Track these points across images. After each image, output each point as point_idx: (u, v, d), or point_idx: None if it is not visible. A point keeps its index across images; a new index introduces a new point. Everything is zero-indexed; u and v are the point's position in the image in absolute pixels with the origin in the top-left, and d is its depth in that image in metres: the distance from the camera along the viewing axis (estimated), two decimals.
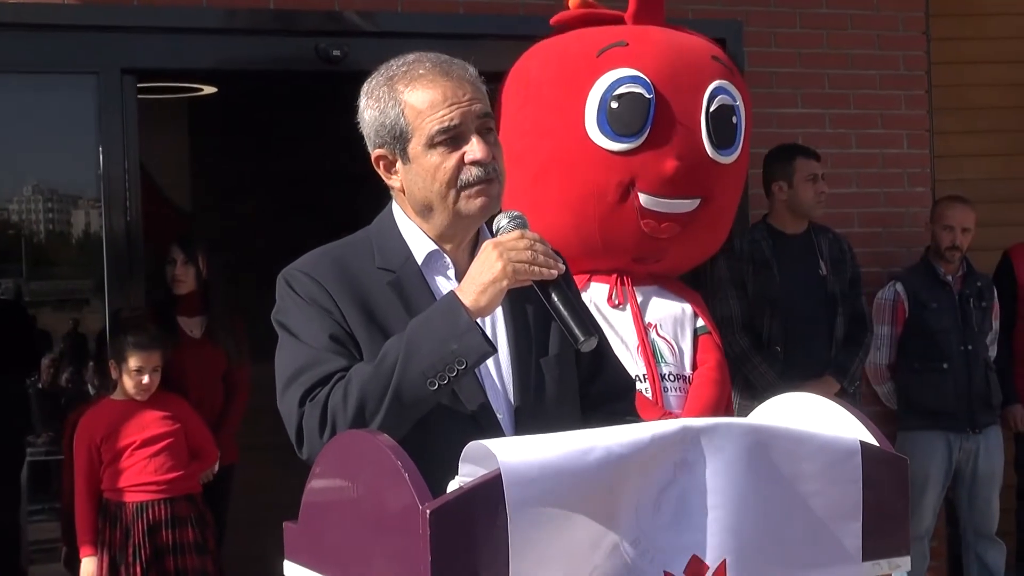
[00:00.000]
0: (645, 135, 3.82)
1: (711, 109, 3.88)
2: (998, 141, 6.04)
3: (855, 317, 4.96)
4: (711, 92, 3.89)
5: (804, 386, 4.54)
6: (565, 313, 2.04)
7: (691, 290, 4.19)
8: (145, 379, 4.49)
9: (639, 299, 3.97)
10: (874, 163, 5.51)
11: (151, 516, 4.46)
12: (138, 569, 4.42)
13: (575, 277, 3.94)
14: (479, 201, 2.12)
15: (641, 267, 4.01)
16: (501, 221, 2.11)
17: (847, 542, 1.82)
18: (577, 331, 2.03)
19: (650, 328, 3.94)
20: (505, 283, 2.01)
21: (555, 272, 2.04)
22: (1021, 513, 5.58)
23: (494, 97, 2.92)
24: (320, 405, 2.02)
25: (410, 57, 2.18)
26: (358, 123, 2.21)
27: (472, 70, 2.18)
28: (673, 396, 3.90)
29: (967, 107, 5.94)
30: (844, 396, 4.78)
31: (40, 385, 5.20)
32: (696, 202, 3.93)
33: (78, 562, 4.50)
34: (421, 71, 2.14)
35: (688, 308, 4.04)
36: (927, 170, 5.66)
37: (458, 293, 2.03)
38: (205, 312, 5.11)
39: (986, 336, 5.31)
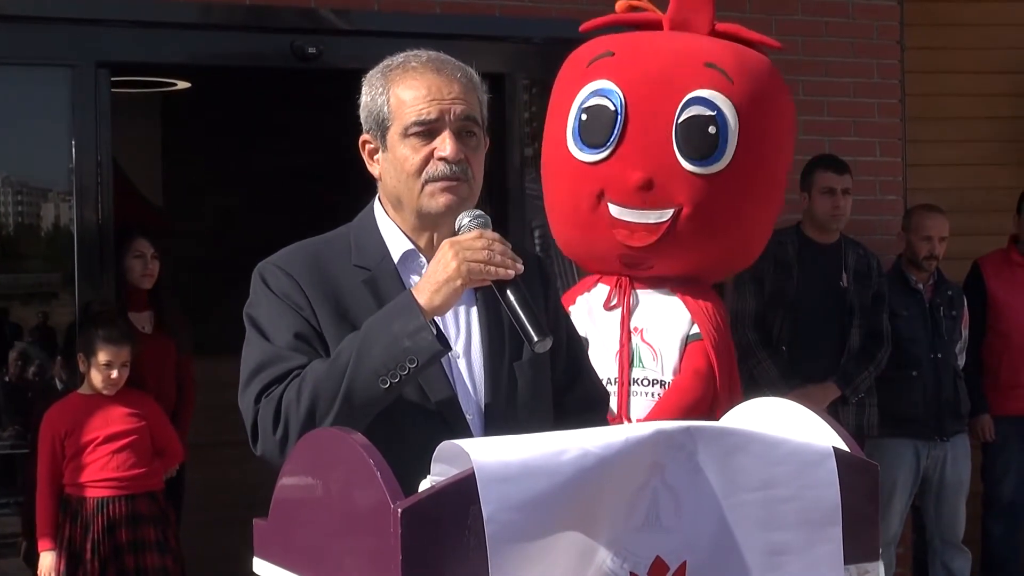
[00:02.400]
0: (611, 147, 3.86)
1: (680, 120, 3.86)
2: (970, 151, 6.10)
3: (873, 332, 5.02)
4: (685, 102, 3.86)
5: (805, 388, 4.71)
6: (520, 313, 2.04)
7: (709, 294, 4.12)
8: (114, 374, 4.49)
9: (634, 303, 3.99)
10: None
11: (111, 512, 4.46)
12: (96, 565, 4.41)
13: (589, 278, 4.04)
14: (443, 199, 2.12)
15: (635, 272, 4.02)
16: (463, 220, 2.12)
17: (826, 547, 1.83)
18: (532, 331, 2.02)
19: (635, 332, 3.95)
20: (459, 283, 2.02)
21: (512, 272, 2.03)
22: (987, 521, 5.61)
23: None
24: (275, 401, 2.03)
25: (412, 52, 2.21)
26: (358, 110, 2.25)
27: (471, 74, 2.20)
28: (641, 401, 3.90)
29: (940, 116, 6.01)
30: (843, 406, 4.92)
31: (7, 379, 5.16)
32: (668, 212, 3.90)
33: (37, 556, 4.49)
34: (414, 64, 2.17)
35: (685, 314, 4.00)
36: (899, 179, 5.72)
37: (414, 292, 2.04)
38: (153, 307, 5.13)
39: (955, 345, 5.34)
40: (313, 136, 6.89)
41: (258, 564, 1.93)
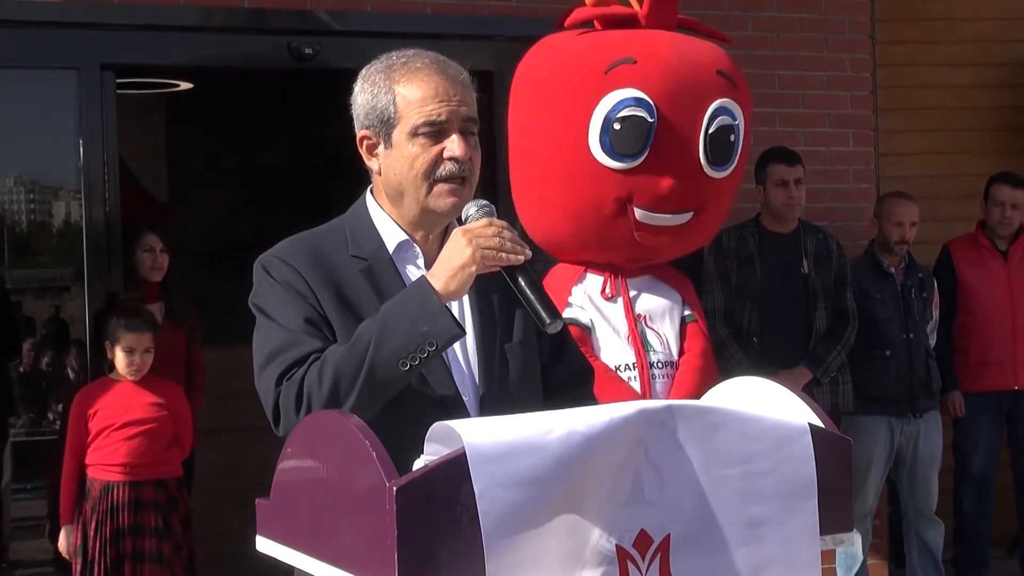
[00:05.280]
0: (644, 156, 3.86)
1: (711, 131, 3.89)
2: (940, 140, 6.18)
3: (838, 312, 5.08)
4: (712, 112, 3.89)
5: (777, 374, 4.72)
6: (532, 297, 2.08)
7: (683, 277, 4.25)
8: (136, 359, 4.58)
9: (632, 292, 4.06)
10: (821, 160, 5.61)
11: (114, 497, 4.53)
12: (97, 545, 4.50)
13: (571, 267, 4.04)
14: (450, 200, 2.17)
15: (634, 265, 4.11)
16: (470, 209, 2.15)
17: (803, 519, 1.86)
18: (544, 314, 2.07)
19: (640, 319, 4.03)
20: (474, 268, 2.05)
21: (522, 258, 2.07)
22: (958, 494, 5.69)
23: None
24: (296, 384, 2.06)
25: (410, 52, 2.23)
26: (350, 104, 2.26)
27: (466, 74, 2.23)
28: (661, 383, 4.00)
29: (911, 107, 6.08)
30: (817, 386, 4.97)
31: (22, 369, 5.27)
32: (689, 215, 4.00)
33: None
34: (419, 65, 2.19)
35: (677, 298, 4.13)
36: (872, 167, 5.78)
37: (429, 278, 2.07)
38: (163, 299, 5.22)
39: (927, 325, 5.42)
40: (310, 133, 6.98)
41: (261, 542, 1.96)
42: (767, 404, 1.97)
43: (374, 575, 1.68)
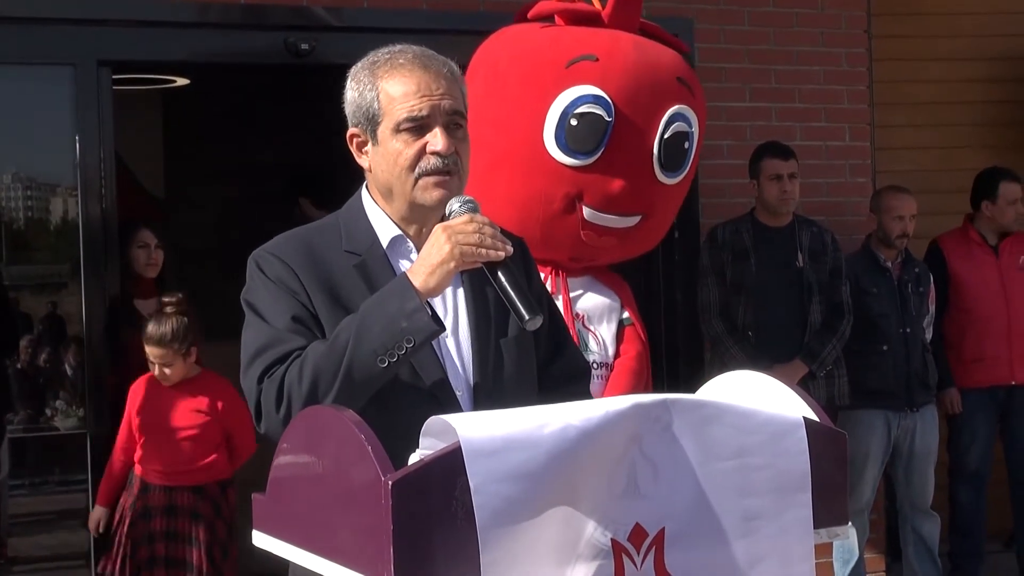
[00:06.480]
0: (599, 154, 3.85)
1: (666, 136, 3.90)
2: (936, 135, 6.22)
3: (833, 306, 5.09)
4: (669, 117, 3.89)
5: (773, 369, 4.69)
6: (511, 292, 2.08)
7: (622, 281, 4.26)
8: (157, 371, 4.53)
9: (572, 291, 4.05)
10: (818, 155, 5.63)
11: (150, 498, 4.52)
12: (128, 541, 4.50)
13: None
14: (436, 192, 2.18)
15: (576, 264, 4.11)
16: (452, 205, 2.17)
17: (797, 512, 1.87)
18: (523, 310, 2.07)
19: (578, 319, 4.05)
20: (453, 265, 2.07)
21: (502, 254, 2.08)
22: (953, 489, 5.71)
23: None
24: (277, 382, 2.08)
25: (396, 47, 2.24)
26: (343, 103, 2.29)
27: (454, 68, 2.25)
28: (595, 383, 3.99)
29: (907, 102, 6.12)
30: (812, 380, 4.99)
31: (18, 366, 5.27)
32: (637, 219, 4.01)
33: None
34: (402, 60, 2.20)
35: (616, 300, 4.14)
36: (868, 162, 5.79)
37: (409, 275, 2.09)
38: (159, 294, 5.17)
39: (923, 319, 5.44)
40: (307, 129, 6.99)
41: (257, 536, 1.98)
42: (762, 398, 1.98)
43: (370, 569, 1.68)
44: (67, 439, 5.01)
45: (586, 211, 3.93)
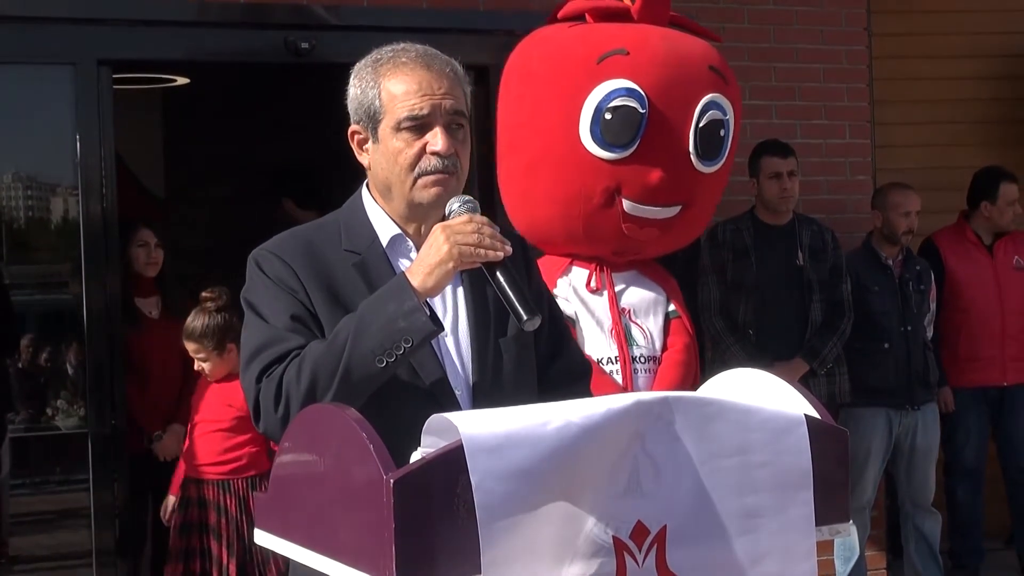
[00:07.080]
0: (635, 147, 3.88)
1: (701, 124, 3.92)
2: (935, 132, 6.23)
3: (834, 303, 5.10)
4: (703, 106, 3.92)
5: (774, 367, 4.67)
6: (510, 293, 2.08)
7: (667, 274, 4.28)
8: (196, 364, 4.67)
9: (617, 286, 4.08)
10: (818, 152, 5.64)
11: (187, 490, 4.64)
12: (175, 532, 4.63)
13: (557, 259, 4.06)
14: (434, 191, 2.18)
15: (620, 259, 4.13)
16: (452, 205, 2.16)
17: (798, 509, 1.87)
18: (521, 310, 2.06)
19: (624, 313, 4.06)
20: (451, 265, 2.07)
21: (501, 254, 2.08)
22: (950, 487, 5.73)
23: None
24: (275, 381, 2.08)
25: (400, 46, 2.24)
26: (345, 100, 2.29)
27: (457, 68, 2.24)
28: (643, 377, 4.03)
29: (907, 100, 6.12)
30: (813, 378, 5.00)
31: (19, 364, 5.28)
32: (677, 209, 4.02)
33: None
34: (404, 59, 2.20)
35: (662, 294, 4.16)
36: (868, 159, 5.79)
37: (407, 274, 2.08)
38: (159, 293, 5.25)
39: (924, 317, 5.45)
40: (307, 128, 6.99)
41: (259, 535, 1.99)
42: (763, 395, 1.98)
43: (372, 567, 1.68)
44: (68, 438, 5.01)
45: (626, 204, 3.96)
